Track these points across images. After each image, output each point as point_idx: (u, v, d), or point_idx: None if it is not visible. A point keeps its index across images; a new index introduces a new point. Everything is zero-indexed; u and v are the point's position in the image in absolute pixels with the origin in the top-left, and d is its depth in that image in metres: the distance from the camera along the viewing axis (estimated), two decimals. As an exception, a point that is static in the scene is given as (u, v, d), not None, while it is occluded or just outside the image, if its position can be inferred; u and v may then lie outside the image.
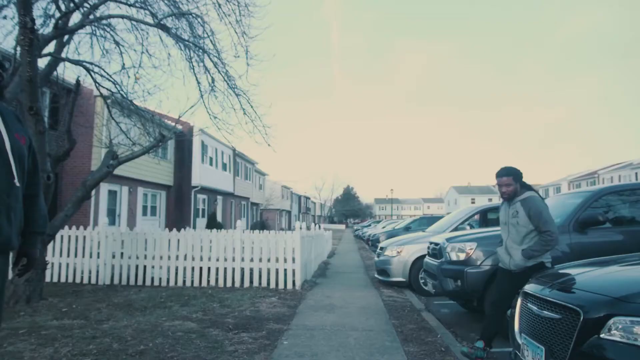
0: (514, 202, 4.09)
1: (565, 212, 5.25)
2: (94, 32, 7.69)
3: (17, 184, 1.90)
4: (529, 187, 4.15)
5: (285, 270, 8.05)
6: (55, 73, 7.66)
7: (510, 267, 4.05)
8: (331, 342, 4.44)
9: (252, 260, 8.19)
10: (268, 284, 8.00)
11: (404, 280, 8.50)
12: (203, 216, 22.88)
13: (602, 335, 2.15)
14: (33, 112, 5.27)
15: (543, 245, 3.91)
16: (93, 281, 8.15)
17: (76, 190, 7.32)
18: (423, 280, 7.94)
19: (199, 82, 8.03)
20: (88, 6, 7.04)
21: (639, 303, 2.17)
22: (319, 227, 16.42)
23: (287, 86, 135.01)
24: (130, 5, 7.38)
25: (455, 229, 8.35)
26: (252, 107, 8.20)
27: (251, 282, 8.07)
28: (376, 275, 9.58)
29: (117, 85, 7.99)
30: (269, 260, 8.13)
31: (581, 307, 2.30)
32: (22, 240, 2.08)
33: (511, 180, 4.09)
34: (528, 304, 2.85)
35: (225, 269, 8.10)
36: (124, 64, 7.95)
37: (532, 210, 3.94)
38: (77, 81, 7.27)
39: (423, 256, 7.56)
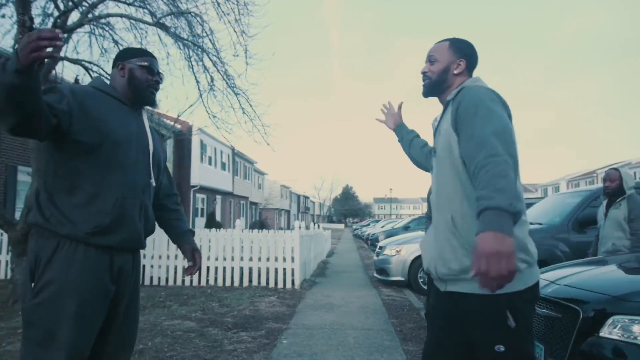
0: None
1: (565, 212, 5.27)
2: (93, 31, 7.67)
3: (153, 184, 1.97)
4: None
5: (284, 269, 8.05)
6: (53, 72, 7.65)
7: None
8: (330, 341, 4.44)
9: (251, 259, 8.18)
10: (267, 283, 8.00)
11: (403, 279, 8.50)
12: (202, 215, 22.88)
13: (601, 334, 2.15)
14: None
15: None
16: (92, 280, 8.13)
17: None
18: (422, 279, 7.94)
19: (198, 81, 8.02)
20: (87, 5, 7.02)
21: (638, 302, 2.18)
22: (318, 226, 16.39)
23: (286, 85, 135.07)
24: (129, 4, 7.36)
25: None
26: (251, 106, 8.19)
27: (250, 281, 8.07)
28: (375, 275, 9.58)
29: (116, 85, 7.97)
30: (268, 259, 8.13)
31: (580, 306, 2.30)
32: (185, 239, 2.23)
33: None
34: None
35: (224, 268, 8.09)
36: (123, 63, 7.93)
37: None
38: (76, 80, 7.27)
39: (422, 255, 7.56)
